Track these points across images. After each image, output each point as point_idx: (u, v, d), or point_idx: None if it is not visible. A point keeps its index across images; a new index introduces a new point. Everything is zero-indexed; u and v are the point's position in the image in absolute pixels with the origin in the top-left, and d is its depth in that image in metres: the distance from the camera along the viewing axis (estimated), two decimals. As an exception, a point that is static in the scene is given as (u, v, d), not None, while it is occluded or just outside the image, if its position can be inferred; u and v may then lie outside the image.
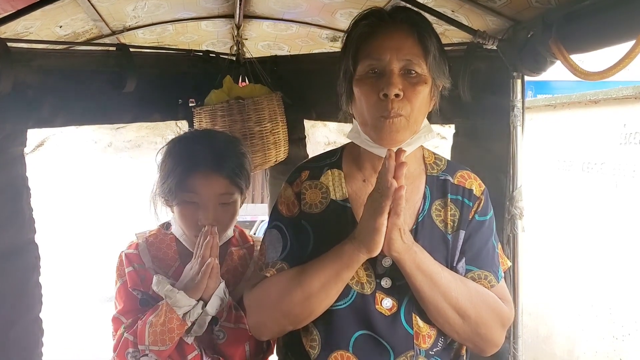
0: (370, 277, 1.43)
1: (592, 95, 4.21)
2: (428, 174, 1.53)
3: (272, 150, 2.39)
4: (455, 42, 2.09)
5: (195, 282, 1.64)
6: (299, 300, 1.39)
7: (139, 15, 2.33)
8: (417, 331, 1.42)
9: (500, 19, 1.79)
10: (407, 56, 1.37)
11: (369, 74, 1.39)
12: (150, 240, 1.83)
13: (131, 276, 1.75)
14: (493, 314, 1.43)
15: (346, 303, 1.42)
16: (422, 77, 1.38)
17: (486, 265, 1.48)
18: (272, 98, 2.36)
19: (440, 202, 1.50)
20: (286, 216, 1.54)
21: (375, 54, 1.38)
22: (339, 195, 1.51)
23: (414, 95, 1.37)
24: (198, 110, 2.33)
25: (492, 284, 1.47)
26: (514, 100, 1.87)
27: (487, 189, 1.56)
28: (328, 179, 1.54)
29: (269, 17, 2.56)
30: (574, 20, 1.50)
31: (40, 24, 1.99)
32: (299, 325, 1.46)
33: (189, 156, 1.74)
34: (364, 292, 1.43)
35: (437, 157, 1.60)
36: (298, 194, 1.54)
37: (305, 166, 1.61)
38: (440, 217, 1.49)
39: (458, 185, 1.52)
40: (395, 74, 1.36)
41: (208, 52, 2.57)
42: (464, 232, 1.48)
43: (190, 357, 1.71)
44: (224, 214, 1.76)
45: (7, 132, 1.84)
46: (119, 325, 1.72)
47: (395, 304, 1.43)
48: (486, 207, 1.52)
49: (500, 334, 1.46)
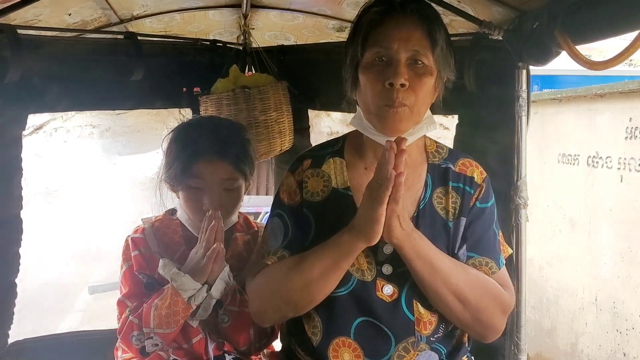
0: (370, 264, 1.45)
1: (597, 89, 4.20)
2: (429, 162, 1.55)
3: (277, 139, 2.40)
4: (461, 32, 2.09)
5: (201, 266, 1.66)
6: (298, 288, 1.41)
7: (147, 4, 2.35)
8: (418, 317, 1.44)
9: (506, 9, 1.80)
10: (415, 47, 1.38)
11: (375, 62, 1.40)
12: (156, 226, 1.86)
13: (137, 260, 1.77)
14: (493, 301, 1.45)
15: (347, 290, 1.44)
16: (429, 69, 1.40)
17: (487, 252, 1.49)
18: (277, 87, 2.37)
19: (442, 189, 1.51)
20: (288, 204, 1.55)
21: (383, 42, 1.39)
22: (340, 184, 1.52)
23: (419, 85, 1.38)
24: (204, 98, 2.35)
25: (493, 270, 1.49)
26: (519, 91, 1.87)
27: (488, 177, 1.57)
28: (330, 167, 1.55)
29: (276, 7, 2.57)
30: (580, 11, 1.50)
31: (50, 12, 2.00)
32: (299, 312, 1.48)
33: (194, 142, 1.77)
34: (365, 279, 1.44)
35: (438, 145, 1.61)
36: (300, 182, 1.55)
37: (307, 155, 1.62)
38: (442, 205, 1.50)
39: (459, 173, 1.53)
40: (402, 63, 1.37)
41: (215, 42, 2.58)
42: (465, 220, 1.49)
43: (194, 341, 1.74)
44: (228, 199, 1.79)
45: (9, 116, 1.89)
46: (124, 308, 1.74)
47: (396, 290, 1.45)
48: (487, 194, 1.54)
49: (500, 320, 1.48)
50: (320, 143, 1.69)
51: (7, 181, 1.91)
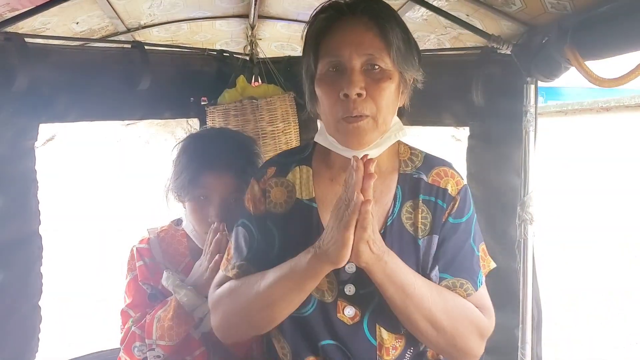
0: (332, 284, 1.36)
1: (603, 102, 4.20)
2: (401, 172, 1.43)
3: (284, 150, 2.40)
4: (469, 46, 2.09)
5: (204, 279, 1.66)
6: (259, 308, 1.34)
7: (155, 13, 2.35)
8: (381, 342, 1.36)
9: (515, 23, 1.79)
10: (368, 50, 1.27)
11: (329, 72, 1.30)
12: (162, 236, 1.85)
13: (141, 270, 1.77)
14: (470, 326, 1.35)
15: (308, 311, 1.37)
16: (387, 72, 1.29)
17: (462, 272, 1.38)
18: (284, 98, 2.38)
19: (412, 203, 1.40)
20: (253, 214, 1.47)
21: (334, 51, 1.29)
22: (305, 195, 1.43)
23: (378, 92, 1.27)
24: (211, 109, 2.35)
25: (469, 292, 1.37)
26: (527, 106, 1.86)
27: (466, 187, 1.44)
28: (295, 176, 1.45)
29: (283, 17, 2.57)
30: (590, 27, 1.48)
31: (57, 20, 2.00)
32: (260, 331, 1.42)
33: (203, 154, 1.77)
34: (325, 299, 1.36)
35: (413, 152, 1.49)
36: (264, 191, 1.47)
37: (273, 161, 1.53)
38: (411, 221, 1.39)
39: (432, 184, 1.41)
40: (356, 71, 1.27)
41: (222, 52, 2.58)
42: (437, 237, 1.38)
43: (196, 353, 1.73)
44: (234, 210, 1.76)
45: (20, 126, 1.86)
46: (128, 318, 1.74)
47: (358, 312, 1.36)
48: (462, 207, 1.41)
49: (478, 345, 1.37)
50: (289, 149, 1.59)
51: (24, 194, 1.85)
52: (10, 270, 1.78)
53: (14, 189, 1.81)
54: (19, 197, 1.84)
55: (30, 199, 1.88)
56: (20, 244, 1.84)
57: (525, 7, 1.66)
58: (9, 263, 1.78)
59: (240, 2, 2.37)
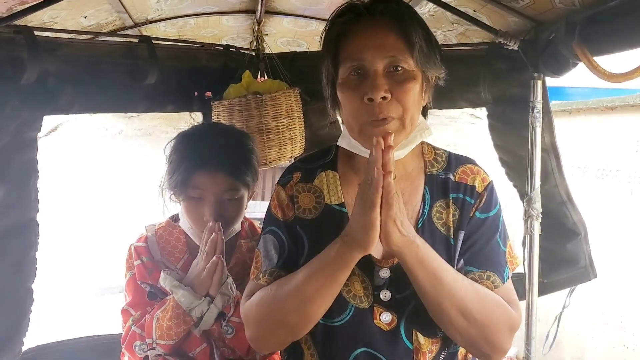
0: (367, 289, 1.35)
1: (608, 102, 4.19)
2: (427, 173, 1.42)
3: (287, 145, 2.39)
4: (476, 41, 2.09)
5: (201, 279, 1.66)
6: (293, 308, 1.30)
7: (162, 8, 2.35)
8: (417, 347, 1.33)
9: (523, 19, 1.79)
10: (391, 52, 1.25)
11: (351, 77, 1.28)
12: (160, 233, 1.85)
13: (139, 269, 1.76)
14: (502, 318, 1.32)
15: (344, 319, 1.34)
16: (411, 73, 1.26)
17: (489, 265, 1.35)
18: (289, 94, 2.37)
19: (442, 202, 1.39)
20: (282, 220, 1.44)
21: (355, 55, 1.27)
22: (334, 200, 1.41)
23: (403, 94, 1.25)
24: (216, 104, 2.35)
25: (496, 284, 1.34)
26: (534, 102, 1.86)
27: (492, 183, 1.42)
28: (322, 181, 1.44)
29: (290, 13, 2.57)
30: (598, 22, 1.49)
31: (66, 14, 2.01)
32: (298, 334, 1.38)
33: (194, 153, 1.74)
34: (362, 305, 1.34)
35: (437, 152, 1.47)
36: (292, 196, 1.44)
37: (297, 166, 1.50)
38: (442, 220, 1.38)
39: (459, 182, 1.40)
40: (379, 74, 1.24)
41: (228, 47, 2.58)
42: (463, 233, 1.37)
43: (198, 350, 1.73)
44: (230, 209, 1.77)
45: (25, 117, 1.87)
46: (128, 317, 1.74)
47: (395, 318, 1.34)
48: (489, 203, 1.39)
49: (508, 339, 1.34)
50: (310, 154, 1.57)
51: (24, 184, 1.88)
52: (6, 255, 1.82)
53: (14, 178, 1.84)
54: (19, 186, 1.86)
55: (30, 187, 1.90)
56: (18, 230, 1.87)
57: (533, 3, 1.66)
58: (5, 248, 1.82)
59: (248, -3, 2.38)
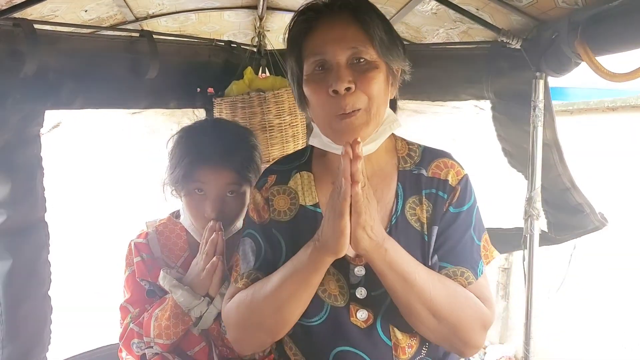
0: (342, 288, 1.36)
1: (610, 102, 4.18)
2: (400, 169, 1.43)
3: (290, 143, 2.39)
4: (479, 40, 2.08)
5: (200, 279, 1.65)
6: (270, 312, 1.33)
7: (163, 2, 2.35)
8: (396, 343, 1.35)
9: (525, 18, 1.78)
10: (351, 44, 1.27)
11: (315, 71, 1.30)
12: (160, 230, 1.83)
13: (139, 266, 1.75)
14: (472, 315, 1.34)
15: (321, 319, 1.36)
16: (373, 64, 1.28)
17: (462, 260, 1.36)
18: (292, 91, 2.36)
19: (415, 199, 1.39)
20: (258, 223, 1.47)
21: (317, 49, 1.29)
22: (308, 200, 1.43)
23: (367, 84, 1.27)
24: (218, 101, 2.34)
25: (470, 280, 1.36)
26: (535, 101, 1.85)
27: (467, 177, 1.43)
28: (297, 182, 1.46)
29: (292, 9, 2.56)
30: (601, 21, 1.48)
31: (66, 8, 2.00)
32: (276, 336, 1.40)
33: (196, 148, 1.73)
34: (337, 304, 1.36)
35: (411, 147, 1.47)
36: (267, 199, 1.47)
37: (272, 169, 1.52)
38: (416, 216, 1.38)
39: (432, 177, 1.41)
40: (342, 66, 1.26)
41: (230, 43, 2.58)
42: (436, 228, 1.37)
43: (197, 349, 1.72)
44: (231, 205, 1.76)
45: (26, 112, 1.85)
46: (126, 314, 1.73)
47: (371, 315, 1.36)
48: (463, 197, 1.40)
49: (480, 336, 1.36)
50: (285, 155, 1.59)
51: (30, 181, 1.84)
52: (18, 260, 1.77)
53: (20, 175, 1.80)
54: (25, 184, 1.83)
55: (36, 185, 1.87)
56: (28, 232, 1.83)
57: (536, 2, 1.65)
58: (17, 250, 1.77)
59: (249, -7, 2.37)
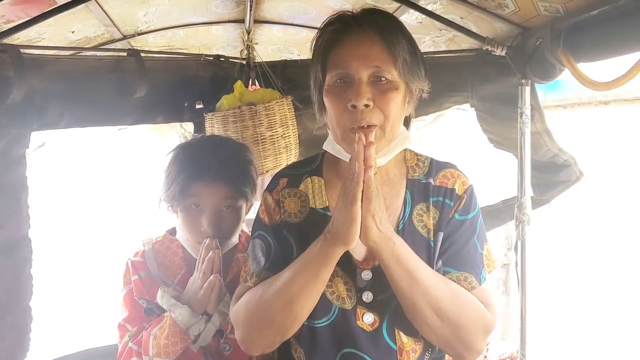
0: (350, 291, 1.38)
1: (602, 96, 4.20)
2: (409, 178, 1.46)
3: (283, 154, 2.40)
4: (465, 47, 2.09)
5: (198, 297, 1.65)
6: (280, 307, 1.33)
7: (150, 20, 2.35)
8: (401, 347, 1.36)
9: (509, 26, 1.80)
10: (375, 62, 1.30)
11: (337, 84, 1.33)
12: (157, 247, 1.83)
13: (137, 285, 1.75)
14: (475, 318, 1.35)
15: (329, 320, 1.38)
16: (393, 84, 1.31)
17: (466, 266, 1.38)
18: (283, 103, 2.37)
19: (423, 206, 1.42)
20: (269, 224, 1.48)
21: (342, 63, 1.32)
22: (319, 204, 1.45)
23: (385, 103, 1.30)
24: (210, 115, 2.34)
25: (473, 285, 1.37)
26: (522, 107, 1.86)
27: (472, 187, 1.46)
28: (307, 186, 1.48)
29: (279, 22, 2.57)
30: (583, 29, 1.50)
31: (53, 30, 2.01)
32: (285, 334, 1.40)
33: (193, 164, 1.74)
34: (345, 307, 1.37)
35: (419, 158, 1.51)
36: (278, 201, 1.48)
37: (284, 173, 1.55)
38: (423, 222, 1.41)
39: (440, 186, 1.44)
40: (363, 82, 1.29)
41: (218, 57, 2.58)
42: (442, 234, 1.40)
43: None
44: (227, 219, 1.76)
45: (12, 135, 1.88)
46: (125, 332, 1.72)
47: (377, 319, 1.37)
48: (468, 205, 1.43)
49: (481, 340, 1.37)
50: (296, 161, 1.61)
51: (15, 200, 1.88)
52: (2, 273, 1.83)
53: (5, 195, 1.85)
54: (10, 203, 1.87)
55: (21, 204, 1.91)
56: (12, 249, 1.87)
57: (519, 10, 1.66)
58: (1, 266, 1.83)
59: (236, 8, 2.37)
